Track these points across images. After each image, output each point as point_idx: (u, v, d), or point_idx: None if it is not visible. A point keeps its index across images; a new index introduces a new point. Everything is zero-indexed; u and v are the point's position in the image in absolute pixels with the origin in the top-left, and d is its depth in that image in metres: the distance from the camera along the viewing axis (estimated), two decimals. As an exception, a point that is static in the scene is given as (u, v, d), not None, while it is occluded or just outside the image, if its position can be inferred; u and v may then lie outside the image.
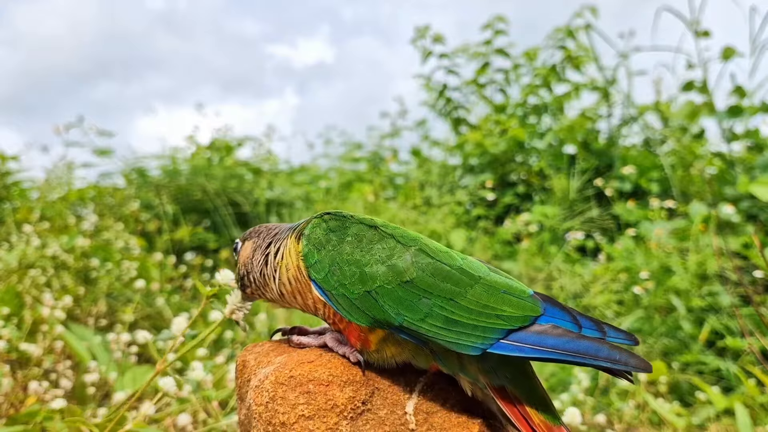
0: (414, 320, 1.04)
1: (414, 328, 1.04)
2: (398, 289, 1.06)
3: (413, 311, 1.04)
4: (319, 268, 1.11)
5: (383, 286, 1.06)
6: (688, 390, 3.53)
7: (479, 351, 1.01)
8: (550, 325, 1.03)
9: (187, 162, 7.06)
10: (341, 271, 1.10)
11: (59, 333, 2.86)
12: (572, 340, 1.01)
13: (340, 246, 1.12)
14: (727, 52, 6.19)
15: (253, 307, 4.78)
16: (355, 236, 1.12)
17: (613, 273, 4.52)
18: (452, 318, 1.03)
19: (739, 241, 4.49)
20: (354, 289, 1.08)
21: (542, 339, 1.01)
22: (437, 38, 7.79)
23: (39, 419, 2.12)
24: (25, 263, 3.83)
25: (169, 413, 2.35)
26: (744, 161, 5.90)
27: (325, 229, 1.15)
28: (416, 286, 1.06)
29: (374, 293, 1.07)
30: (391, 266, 1.08)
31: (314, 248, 1.13)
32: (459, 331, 1.02)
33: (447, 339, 1.02)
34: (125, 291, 4.11)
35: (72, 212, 5.61)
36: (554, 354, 1.00)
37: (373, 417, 1.08)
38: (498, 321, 1.03)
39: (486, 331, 1.02)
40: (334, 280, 1.10)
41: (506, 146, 6.56)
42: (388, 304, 1.05)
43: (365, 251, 1.10)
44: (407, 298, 1.05)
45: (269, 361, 1.19)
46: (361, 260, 1.09)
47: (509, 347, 1.01)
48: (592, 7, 7.02)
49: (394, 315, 1.05)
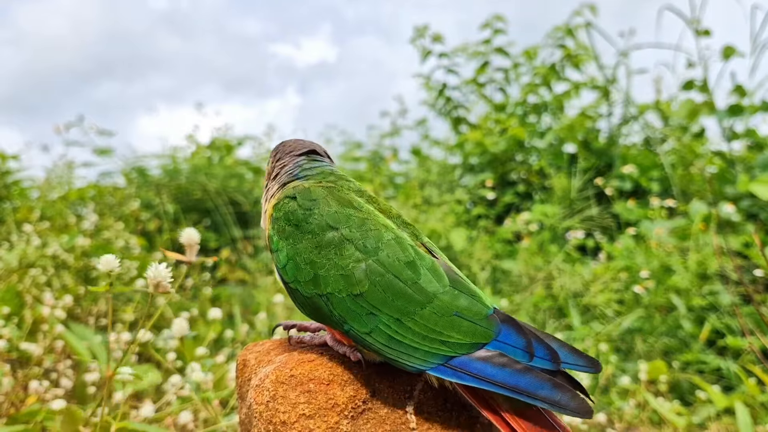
0: (360, 332, 1.04)
1: (360, 338, 1.04)
2: (348, 299, 1.04)
3: (360, 324, 1.04)
4: (281, 257, 1.12)
5: (334, 294, 1.05)
6: (688, 389, 3.53)
7: (417, 371, 1.02)
8: (497, 353, 1.00)
9: (188, 161, 7.06)
10: (297, 267, 1.09)
11: (59, 332, 2.86)
12: (513, 372, 0.97)
13: (299, 243, 1.10)
14: (728, 51, 6.18)
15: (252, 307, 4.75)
16: (314, 234, 1.09)
17: (614, 272, 4.52)
18: (395, 338, 1.02)
19: (739, 240, 4.49)
20: (307, 288, 1.08)
21: (483, 368, 0.98)
22: (436, 38, 7.78)
23: (39, 419, 2.12)
24: (25, 263, 3.83)
25: (169, 412, 2.35)
26: (744, 160, 5.90)
27: (288, 219, 1.13)
28: (366, 301, 1.04)
29: (325, 298, 1.06)
30: (345, 276, 1.05)
31: (278, 236, 1.13)
32: (400, 351, 1.02)
33: (388, 355, 1.03)
34: (125, 290, 4.11)
35: (72, 211, 5.61)
36: (491, 386, 0.97)
37: (374, 416, 1.08)
38: (441, 347, 1.01)
39: (427, 355, 1.01)
40: (291, 273, 1.10)
41: (506, 145, 6.56)
42: (338, 311, 1.05)
43: (322, 254, 1.08)
44: (355, 311, 1.04)
45: (270, 360, 1.19)
46: (316, 262, 1.08)
47: (447, 372, 1.00)
48: (592, 6, 7.01)
49: (339, 322, 1.06)
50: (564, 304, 4.37)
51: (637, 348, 3.88)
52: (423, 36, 7.80)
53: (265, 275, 5.14)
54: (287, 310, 4.16)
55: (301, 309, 1.12)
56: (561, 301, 4.40)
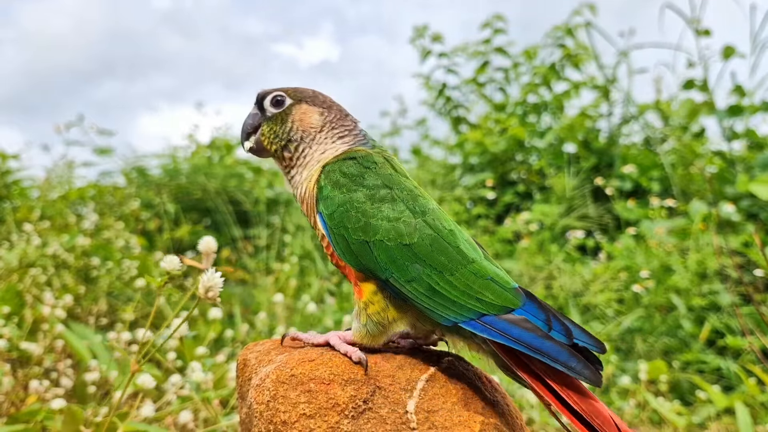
0: (400, 279, 1.12)
1: (398, 287, 1.12)
2: (395, 248, 1.13)
3: (402, 272, 1.12)
4: (329, 204, 1.17)
5: (382, 241, 1.13)
6: (688, 389, 3.53)
7: (450, 323, 1.11)
8: (522, 318, 1.10)
9: (188, 161, 7.06)
10: (347, 214, 1.16)
11: (60, 332, 2.86)
12: (537, 337, 1.07)
13: (354, 192, 1.17)
14: (728, 51, 6.19)
15: (253, 306, 4.75)
16: (369, 188, 1.18)
17: (614, 272, 4.52)
18: (436, 288, 1.11)
19: (739, 240, 4.49)
20: (354, 234, 1.15)
21: (510, 328, 1.08)
22: (436, 37, 7.78)
23: (39, 418, 2.12)
24: (25, 262, 3.83)
25: (169, 412, 2.35)
26: (744, 160, 5.90)
27: (344, 173, 1.19)
28: (412, 251, 1.12)
29: (372, 244, 1.13)
30: (395, 227, 1.14)
31: (330, 183, 1.19)
32: (438, 302, 1.10)
33: (425, 305, 1.11)
34: (126, 290, 4.11)
35: (72, 211, 5.61)
36: (516, 344, 1.06)
37: (375, 416, 1.08)
38: (476, 304, 1.10)
39: (462, 309, 1.10)
40: (339, 219, 1.16)
41: (506, 145, 6.56)
42: (382, 258, 1.12)
43: (375, 206, 1.16)
44: (401, 259, 1.12)
45: (270, 359, 1.19)
46: (368, 211, 1.15)
47: (478, 326, 1.09)
48: (591, 5, 7.01)
49: (383, 269, 1.12)
50: (564, 304, 4.37)
51: (637, 348, 3.89)
52: (423, 36, 7.81)
53: (265, 275, 5.15)
54: (287, 309, 4.16)
55: (342, 255, 1.16)
56: (561, 300, 4.40)
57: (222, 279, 1.37)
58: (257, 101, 1.32)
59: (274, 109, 1.29)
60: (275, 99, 1.30)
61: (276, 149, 1.29)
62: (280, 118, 1.29)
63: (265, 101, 1.30)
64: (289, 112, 1.29)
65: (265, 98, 1.30)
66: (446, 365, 1.20)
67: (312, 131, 1.28)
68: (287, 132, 1.28)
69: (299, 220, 5.81)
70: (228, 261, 5.67)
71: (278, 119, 1.29)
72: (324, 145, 1.28)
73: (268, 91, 1.31)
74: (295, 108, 1.29)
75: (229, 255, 5.76)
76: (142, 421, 2.10)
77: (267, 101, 1.30)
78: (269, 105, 1.30)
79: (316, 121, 1.29)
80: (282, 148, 1.28)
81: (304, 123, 1.28)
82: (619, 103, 6.91)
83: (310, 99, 1.31)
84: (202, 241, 1.55)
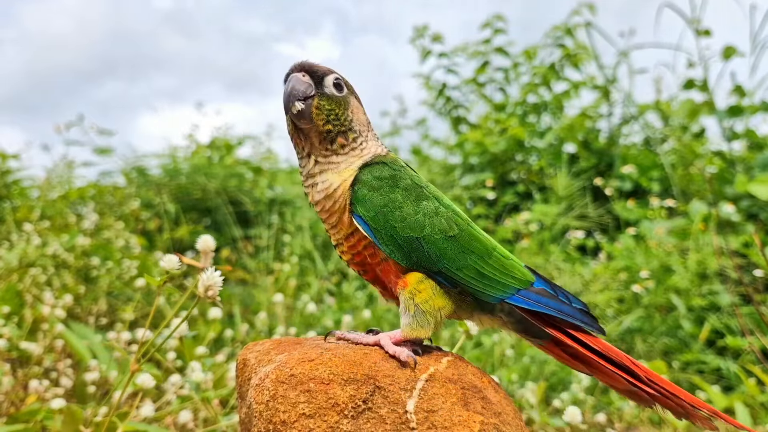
0: (452, 268, 1.24)
1: (450, 275, 1.24)
2: (442, 240, 1.25)
3: (452, 261, 1.24)
4: (369, 207, 1.23)
5: (431, 236, 1.24)
6: (688, 389, 3.52)
7: (498, 300, 1.28)
8: (542, 289, 1.31)
9: (188, 161, 7.05)
10: (392, 214, 1.24)
11: (59, 332, 2.86)
12: (558, 303, 1.30)
13: (393, 193, 1.25)
14: (728, 51, 6.18)
15: (252, 306, 4.74)
16: (405, 189, 1.27)
17: (614, 272, 4.52)
18: (483, 272, 1.26)
19: (739, 240, 4.49)
20: (403, 232, 1.23)
21: (540, 298, 1.29)
22: (436, 37, 7.78)
23: (39, 418, 2.12)
24: (25, 262, 3.83)
25: (169, 411, 2.35)
26: (744, 160, 5.90)
27: (378, 177, 1.26)
28: (458, 242, 1.26)
29: (422, 240, 1.23)
30: (438, 222, 1.25)
31: (366, 187, 1.25)
32: (486, 283, 1.26)
33: (476, 287, 1.25)
34: (126, 290, 4.11)
35: (72, 211, 5.61)
36: (548, 310, 1.28)
37: (374, 415, 1.08)
38: (512, 280, 1.29)
39: (505, 287, 1.28)
40: (384, 220, 1.23)
41: (506, 145, 6.56)
42: (433, 251, 1.23)
43: (415, 205, 1.26)
44: (449, 250, 1.24)
45: (270, 359, 1.19)
46: (411, 210, 1.25)
47: (520, 300, 1.28)
48: (591, 5, 7.01)
49: (435, 261, 1.23)
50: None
51: (637, 348, 3.89)
52: (423, 36, 7.81)
53: (265, 275, 5.15)
54: (287, 309, 4.16)
55: (391, 252, 1.23)
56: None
57: (221, 278, 1.37)
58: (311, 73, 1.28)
59: (335, 91, 1.28)
60: (337, 81, 1.29)
61: (331, 130, 1.27)
62: (342, 102, 1.29)
63: (326, 79, 1.28)
64: (348, 101, 1.30)
65: (327, 76, 1.28)
66: (446, 365, 1.20)
67: (364, 129, 1.33)
68: (349, 120, 1.29)
69: (299, 221, 5.80)
70: (228, 261, 5.66)
71: (340, 103, 1.28)
72: (372, 142, 1.33)
73: (326, 68, 1.29)
74: (352, 99, 1.32)
75: (229, 255, 5.76)
76: (142, 421, 2.10)
77: (329, 79, 1.28)
78: (331, 84, 1.28)
79: (364, 120, 1.35)
80: (339, 132, 1.28)
81: (359, 118, 1.32)
82: (619, 103, 6.91)
83: (357, 96, 1.35)
84: (200, 240, 1.55)
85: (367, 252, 1.26)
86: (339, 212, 1.27)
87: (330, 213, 1.28)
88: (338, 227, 1.28)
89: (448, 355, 1.25)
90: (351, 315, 3.69)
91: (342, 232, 1.28)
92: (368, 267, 1.29)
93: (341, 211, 1.26)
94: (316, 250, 5.42)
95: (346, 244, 1.29)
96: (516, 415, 1.22)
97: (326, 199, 1.27)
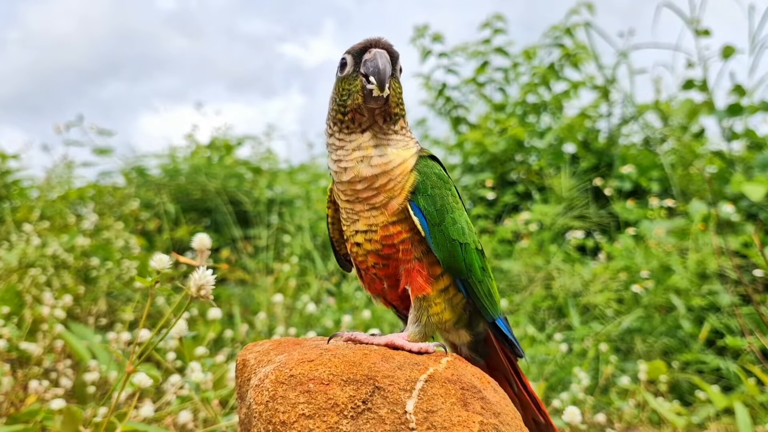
0: (476, 280, 1.30)
1: (472, 286, 1.29)
2: (475, 252, 1.30)
3: (477, 274, 1.30)
4: (431, 202, 1.24)
5: (469, 244, 1.28)
6: (688, 389, 3.53)
7: (492, 320, 1.35)
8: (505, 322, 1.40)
9: (187, 161, 7.05)
10: (448, 215, 1.25)
11: (59, 332, 2.86)
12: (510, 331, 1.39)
13: (449, 196, 1.28)
14: (727, 51, 6.18)
15: (252, 306, 4.73)
16: (454, 195, 1.30)
17: (613, 272, 4.52)
18: (491, 291, 1.34)
19: (738, 240, 4.49)
20: (453, 234, 1.25)
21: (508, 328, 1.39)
22: (436, 37, 7.78)
23: (39, 418, 2.12)
24: (25, 262, 3.83)
25: (169, 412, 2.35)
26: (744, 160, 5.90)
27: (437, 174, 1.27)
28: (482, 258, 1.33)
29: (463, 246, 1.27)
30: (472, 234, 1.31)
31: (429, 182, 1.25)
32: (491, 302, 1.33)
33: (483, 303, 1.32)
34: (125, 290, 4.11)
35: (72, 211, 5.60)
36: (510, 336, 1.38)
37: (374, 416, 1.08)
38: (499, 306, 1.38)
39: (498, 309, 1.36)
40: (440, 218, 1.24)
41: (506, 145, 6.55)
42: (468, 259, 1.28)
43: (460, 212, 1.29)
44: (477, 263, 1.30)
45: (269, 360, 1.19)
46: (459, 216, 1.28)
47: (503, 324, 1.38)
48: (589, 4, 7.01)
49: (467, 269, 1.27)
50: (563, 304, 4.37)
51: (636, 348, 3.89)
52: (423, 36, 7.80)
53: (265, 275, 5.15)
54: (287, 310, 4.16)
55: (436, 248, 1.23)
56: (560, 301, 4.40)
57: (213, 276, 1.36)
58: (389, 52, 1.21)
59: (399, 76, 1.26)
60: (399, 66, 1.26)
61: (397, 113, 1.25)
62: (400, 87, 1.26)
63: (398, 63, 1.24)
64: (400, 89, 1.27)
65: (398, 60, 1.24)
66: (445, 365, 1.20)
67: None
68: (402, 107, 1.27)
69: (299, 221, 5.80)
70: (228, 261, 5.67)
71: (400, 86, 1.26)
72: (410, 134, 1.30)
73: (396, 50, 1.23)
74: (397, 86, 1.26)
75: (228, 255, 5.76)
76: (142, 421, 2.10)
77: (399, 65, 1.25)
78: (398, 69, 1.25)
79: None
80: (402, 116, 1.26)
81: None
82: (618, 103, 6.91)
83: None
84: (195, 238, 1.55)
85: (402, 246, 1.23)
86: (391, 195, 1.21)
87: (378, 192, 1.21)
88: (380, 210, 1.22)
89: (448, 355, 1.25)
90: (351, 315, 3.69)
91: (381, 217, 1.22)
92: (393, 262, 1.24)
93: (395, 194, 1.21)
94: (316, 250, 5.42)
95: (381, 232, 1.22)
96: (515, 415, 1.22)
97: (381, 176, 1.21)
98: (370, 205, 1.23)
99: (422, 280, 1.23)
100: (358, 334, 1.28)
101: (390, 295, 1.33)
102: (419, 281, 1.23)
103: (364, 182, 1.21)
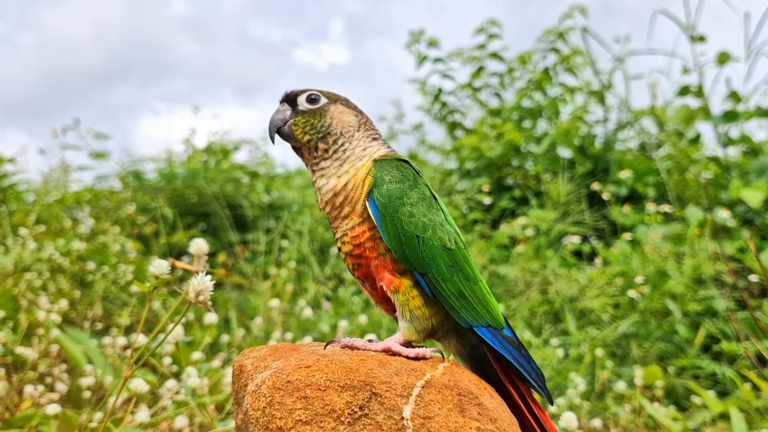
0: (437, 276, 1.27)
1: (433, 283, 1.28)
2: (439, 249, 1.29)
3: (440, 271, 1.28)
4: (385, 193, 1.28)
5: (430, 240, 1.28)
6: (683, 394, 3.54)
7: (468, 326, 1.30)
8: (510, 336, 1.34)
9: (184, 165, 7.04)
10: (403, 208, 1.28)
11: (55, 336, 2.85)
12: (520, 355, 1.32)
13: (410, 191, 1.31)
14: (723, 57, 6.22)
15: (248, 311, 4.73)
16: (420, 192, 1.32)
17: (609, 277, 4.53)
18: (464, 292, 1.30)
19: (734, 246, 4.51)
20: (407, 226, 1.27)
21: (506, 343, 1.32)
22: (432, 42, 7.80)
23: (34, 423, 2.11)
24: (20, 266, 3.81)
25: (165, 417, 2.34)
26: (739, 166, 5.92)
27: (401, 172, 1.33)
28: (451, 256, 1.30)
29: (421, 239, 1.27)
30: (441, 232, 1.30)
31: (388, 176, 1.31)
32: (463, 305, 1.29)
33: (453, 303, 1.28)
34: (121, 294, 4.10)
35: (68, 215, 5.59)
36: (509, 356, 1.30)
37: (371, 422, 1.08)
38: (486, 313, 1.32)
39: (478, 316, 1.31)
40: (394, 209, 1.28)
41: (502, 150, 6.56)
42: (427, 253, 1.27)
43: (426, 208, 1.31)
44: (440, 258, 1.28)
45: (266, 365, 1.19)
46: (421, 211, 1.30)
47: (488, 335, 1.31)
48: (582, 8, 7.03)
49: (425, 263, 1.27)
50: (560, 309, 4.38)
51: (632, 353, 3.89)
52: (419, 41, 7.82)
53: (262, 279, 5.14)
54: (283, 314, 4.15)
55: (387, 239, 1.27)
56: (557, 305, 4.40)
57: (212, 282, 1.37)
58: (287, 99, 1.41)
59: (309, 105, 1.39)
60: (310, 97, 1.40)
61: (310, 140, 1.37)
62: (317, 113, 1.38)
63: (299, 98, 1.40)
64: (326, 109, 1.39)
65: (299, 96, 1.40)
66: (442, 371, 1.20)
67: (351, 129, 1.39)
68: (326, 126, 1.37)
69: (296, 225, 5.80)
70: (224, 265, 5.66)
71: (315, 114, 1.38)
72: (364, 142, 1.39)
73: (300, 90, 1.41)
74: (332, 106, 1.40)
75: (225, 259, 5.75)
76: (138, 427, 2.09)
77: (302, 98, 1.40)
78: (304, 101, 1.40)
79: (353, 121, 1.40)
80: (319, 139, 1.37)
81: (342, 121, 1.38)
82: (614, 108, 6.94)
83: (344, 101, 1.43)
84: (192, 244, 1.55)
85: (368, 244, 1.30)
86: (355, 202, 1.32)
87: (342, 205, 1.32)
88: (350, 217, 1.32)
89: (444, 361, 1.26)
90: (347, 320, 3.69)
91: (351, 222, 1.32)
92: (364, 261, 1.31)
93: (357, 200, 1.31)
94: (313, 255, 5.42)
95: (350, 234, 1.32)
96: (512, 421, 1.23)
97: (335, 196, 1.33)
98: (342, 217, 1.34)
99: (389, 273, 1.29)
100: (355, 340, 1.30)
101: (374, 298, 1.38)
102: (386, 275, 1.29)
103: (327, 206, 1.35)
